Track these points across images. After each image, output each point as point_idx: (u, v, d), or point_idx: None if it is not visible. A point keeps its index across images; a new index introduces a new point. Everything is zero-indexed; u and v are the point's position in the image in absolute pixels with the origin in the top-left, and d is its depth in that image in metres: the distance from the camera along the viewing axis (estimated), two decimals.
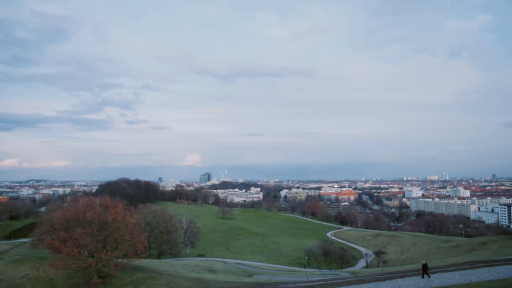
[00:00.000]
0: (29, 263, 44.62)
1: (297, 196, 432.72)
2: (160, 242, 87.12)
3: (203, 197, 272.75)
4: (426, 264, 33.66)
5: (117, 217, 44.15)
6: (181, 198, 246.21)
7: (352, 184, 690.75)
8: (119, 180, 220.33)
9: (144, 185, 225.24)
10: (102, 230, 43.22)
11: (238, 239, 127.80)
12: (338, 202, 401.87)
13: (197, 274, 48.20)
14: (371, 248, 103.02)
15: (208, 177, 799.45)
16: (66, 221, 46.31)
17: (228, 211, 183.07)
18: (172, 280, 42.60)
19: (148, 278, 42.76)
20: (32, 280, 40.70)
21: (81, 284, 39.79)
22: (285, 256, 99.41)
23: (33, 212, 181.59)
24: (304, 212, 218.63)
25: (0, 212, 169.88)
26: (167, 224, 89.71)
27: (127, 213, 48.20)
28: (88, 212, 44.36)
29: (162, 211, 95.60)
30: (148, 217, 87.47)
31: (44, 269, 42.50)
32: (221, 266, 63.53)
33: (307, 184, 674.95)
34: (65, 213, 51.53)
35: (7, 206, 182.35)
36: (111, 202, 48.65)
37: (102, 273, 41.25)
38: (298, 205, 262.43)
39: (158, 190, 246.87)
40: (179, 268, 52.10)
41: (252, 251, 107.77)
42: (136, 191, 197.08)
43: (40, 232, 67.96)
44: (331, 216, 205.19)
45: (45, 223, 72.47)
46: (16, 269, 43.22)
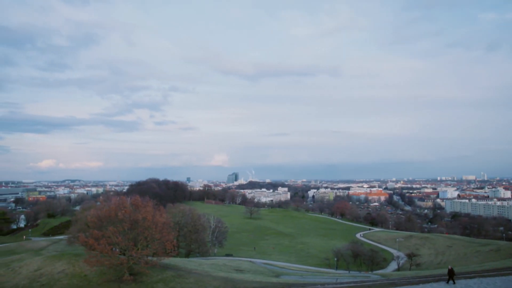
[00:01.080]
0: (65, 259, 46.52)
1: (325, 196, 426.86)
2: (189, 241, 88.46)
3: (230, 197, 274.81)
4: (452, 269, 31.71)
5: (147, 216, 45.11)
6: (209, 198, 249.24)
7: (382, 184, 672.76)
8: (149, 180, 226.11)
9: (173, 185, 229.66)
10: (133, 229, 44.25)
11: (266, 239, 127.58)
12: (368, 202, 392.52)
13: (225, 274, 48.42)
14: (403, 251, 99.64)
15: (236, 177, 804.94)
16: (99, 220, 47.85)
17: (256, 211, 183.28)
18: (200, 279, 43.00)
19: (177, 276, 43.39)
20: (68, 276, 42.39)
21: (114, 280, 40.94)
22: (313, 257, 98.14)
23: (69, 210, 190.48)
24: (333, 213, 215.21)
25: (40, 211, 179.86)
26: (195, 224, 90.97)
27: (156, 212, 49.13)
28: (120, 211, 45.54)
29: (191, 211, 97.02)
30: (177, 217, 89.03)
31: (79, 265, 44.14)
32: (248, 266, 63.56)
33: (336, 184, 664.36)
34: (98, 212, 53.39)
35: (45, 205, 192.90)
36: (141, 201, 49.77)
37: (133, 271, 42.29)
38: (327, 205, 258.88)
39: (186, 190, 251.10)
40: (207, 267, 52.57)
41: (279, 251, 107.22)
42: (165, 191, 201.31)
43: (75, 230, 70.82)
44: (361, 217, 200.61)
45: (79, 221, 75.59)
46: (54, 265, 45.20)
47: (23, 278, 42.51)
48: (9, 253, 68.73)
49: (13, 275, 43.82)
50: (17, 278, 42.81)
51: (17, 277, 43.23)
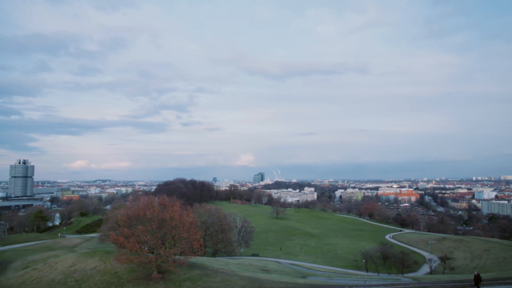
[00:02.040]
0: (97, 256, 48.17)
1: (353, 196, 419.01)
2: (215, 241, 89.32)
3: (256, 197, 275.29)
4: (479, 274, 29.98)
5: (175, 215, 45.85)
6: (235, 197, 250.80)
7: (413, 184, 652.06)
8: (176, 180, 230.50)
9: (199, 185, 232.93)
10: (161, 228, 45.08)
11: (292, 239, 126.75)
12: (398, 203, 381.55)
13: (251, 273, 48.43)
14: (435, 253, 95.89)
15: (262, 177, 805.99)
16: (128, 219, 49.16)
17: (282, 211, 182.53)
18: (227, 278, 43.22)
19: (204, 275, 43.83)
20: (100, 272, 43.86)
21: (143, 278, 41.90)
22: (340, 258, 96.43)
23: (100, 209, 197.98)
24: (361, 213, 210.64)
25: (73, 209, 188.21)
26: (221, 223, 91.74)
27: (183, 211, 49.83)
28: (148, 210, 46.58)
29: (217, 210, 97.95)
30: (204, 216, 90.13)
31: (110, 263, 45.54)
32: (275, 266, 63.30)
33: (364, 184, 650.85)
34: (127, 211, 54.91)
35: (78, 204, 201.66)
36: (168, 201, 50.63)
37: (161, 269, 43.12)
38: (354, 205, 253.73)
39: (212, 190, 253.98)
40: (233, 267, 52.80)
41: (306, 252, 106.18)
42: (192, 191, 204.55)
43: (106, 228, 73.28)
44: (390, 218, 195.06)
45: (110, 220, 78.16)
46: (86, 261, 46.93)
47: (59, 274, 44.41)
48: (46, 249, 72.18)
49: (49, 270, 45.89)
50: (53, 273, 44.78)
51: (54, 272, 45.23)
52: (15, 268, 52.67)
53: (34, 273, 45.73)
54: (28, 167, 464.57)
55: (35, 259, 55.79)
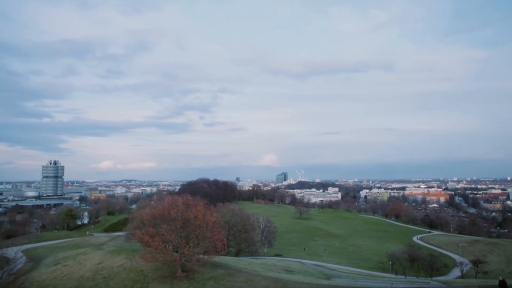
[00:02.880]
0: (124, 255, 49.39)
1: (379, 196, 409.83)
2: (238, 241, 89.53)
3: (279, 197, 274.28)
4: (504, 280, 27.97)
5: (198, 215, 46.28)
6: (258, 197, 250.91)
7: (441, 184, 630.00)
8: (199, 180, 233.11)
9: (223, 184, 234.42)
10: (185, 227, 45.62)
11: (316, 240, 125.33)
12: (426, 203, 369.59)
13: (275, 274, 48.14)
14: (466, 256, 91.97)
15: (285, 177, 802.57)
16: (153, 218, 50.13)
17: (305, 211, 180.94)
18: (250, 278, 43.17)
19: (228, 274, 43.96)
20: (126, 270, 44.91)
21: (167, 276, 42.54)
22: (366, 260, 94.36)
23: (126, 209, 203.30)
24: (387, 214, 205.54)
25: (100, 208, 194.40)
26: (244, 223, 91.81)
27: (207, 211, 50.25)
28: (172, 210, 47.27)
29: (240, 210, 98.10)
30: (227, 216, 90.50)
31: (136, 261, 46.56)
32: (298, 267, 62.70)
33: (390, 184, 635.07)
34: (152, 210, 56.07)
35: (105, 203, 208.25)
36: (192, 201, 51.21)
37: (185, 268, 43.61)
38: (380, 206, 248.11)
39: (235, 190, 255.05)
40: (256, 267, 52.69)
41: (330, 253, 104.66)
42: (215, 191, 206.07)
43: (132, 227, 75.03)
44: (418, 219, 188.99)
45: (136, 219, 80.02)
46: (113, 259, 48.22)
47: (88, 270, 45.85)
48: (75, 247, 74.78)
49: (79, 267, 47.48)
50: (82, 270, 46.30)
51: (83, 269, 46.76)
52: (47, 264, 54.91)
53: (65, 269, 47.46)
54: (58, 168, 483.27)
55: (66, 256, 57.92)
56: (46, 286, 42.50)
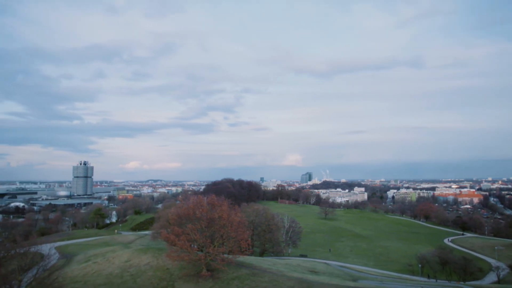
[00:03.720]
0: (150, 253, 50.41)
1: (407, 197, 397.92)
2: (263, 241, 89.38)
3: (304, 197, 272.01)
4: None
5: (223, 215, 46.51)
6: (283, 197, 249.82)
7: (475, 184, 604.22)
8: (224, 180, 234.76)
9: (247, 184, 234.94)
10: (210, 227, 45.97)
11: (341, 240, 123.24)
12: (457, 204, 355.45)
13: (299, 274, 47.63)
14: (503, 261, 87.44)
15: (309, 176, 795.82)
16: (179, 217, 50.84)
17: (331, 211, 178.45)
18: (274, 278, 42.92)
19: (252, 274, 43.89)
20: (153, 268, 45.80)
21: (193, 275, 42.98)
22: (394, 262, 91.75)
23: (152, 208, 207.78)
24: (416, 215, 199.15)
25: (128, 208, 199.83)
26: (269, 223, 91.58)
27: (231, 211, 50.44)
28: (197, 209, 47.77)
29: (264, 210, 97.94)
30: (251, 216, 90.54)
31: (162, 259, 47.39)
32: (323, 268, 61.78)
33: (419, 184, 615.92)
34: (178, 210, 56.88)
35: (132, 203, 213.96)
36: (217, 201, 51.56)
37: (210, 267, 43.91)
38: (408, 206, 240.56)
39: (260, 190, 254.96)
40: (281, 267, 52.34)
41: (356, 254, 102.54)
42: (240, 191, 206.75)
43: (158, 226, 76.33)
44: (449, 220, 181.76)
45: (161, 219, 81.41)
46: (140, 257, 49.31)
47: (116, 268, 47.13)
48: (104, 245, 77.09)
49: (108, 264, 48.90)
50: (111, 267, 47.63)
51: (111, 266, 48.11)
52: (78, 261, 56.89)
53: (95, 266, 49.02)
54: (88, 168, 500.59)
55: (95, 253, 59.83)
56: (78, 282, 44.04)
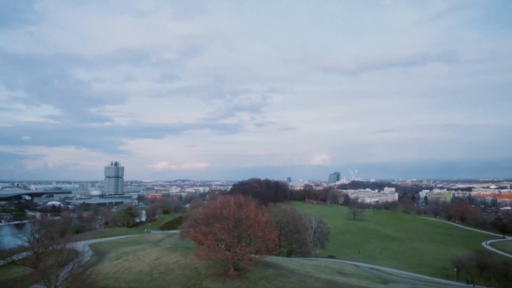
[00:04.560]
0: (179, 252, 51.24)
1: (441, 197, 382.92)
2: (290, 241, 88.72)
3: (332, 197, 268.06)
4: None
5: (250, 214, 46.48)
6: (310, 197, 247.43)
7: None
8: (251, 180, 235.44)
9: (274, 184, 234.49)
10: (237, 227, 46.04)
11: (371, 242, 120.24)
12: (497, 205, 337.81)
13: (328, 276, 46.81)
14: None
15: (337, 176, 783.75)
16: (206, 217, 51.34)
17: (359, 212, 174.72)
18: (302, 279, 42.39)
19: (279, 275, 43.58)
20: (181, 267, 46.51)
21: (220, 274, 43.23)
22: (426, 265, 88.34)
23: (180, 208, 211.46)
24: (450, 216, 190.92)
25: (157, 207, 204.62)
26: (296, 223, 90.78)
27: (258, 211, 50.30)
28: (225, 209, 47.99)
29: (292, 210, 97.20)
30: (278, 216, 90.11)
31: (190, 258, 48.00)
32: (352, 269, 60.42)
33: (453, 184, 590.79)
34: (205, 209, 57.44)
35: (161, 202, 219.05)
36: (244, 200, 51.60)
37: (237, 266, 44.01)
38: (442, 207, 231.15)
39: (287, 190, 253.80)
40: (309, 268, 51.67)
41: (386, 256, 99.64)
42: (266, 191, 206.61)
43: (186, 225, 77.57)
44: (487, 223, 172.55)
45: (189, 218, 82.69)
46: (169, 256, 50.24)
47: (146, 265, 48.27)
48: (134, 243, 79.34)
49: (138, 262, 50.17)
50: (141, 265, 48.84)
51: (141, 264, 49.32)
52: (110, 258, 58.81)
53: (126, 264, 50.45)
54: (118, 168, 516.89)
55: (126, 251, 61.59)
56: (110, 278, 45.47)
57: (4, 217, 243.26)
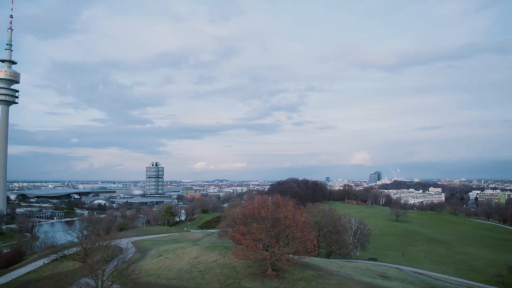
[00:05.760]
0: (217, 251, 51.83)
1: (494, 198, 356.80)
2: (329, 242, 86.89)
3: (373, 197, 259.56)
4: None
5: (288, 215, 45.99)
6: (349, 198, 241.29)
7: None
8: (288, 179, 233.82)
9: (312, 184, 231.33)
10: (275, 227, 45.74)
11: (415, 245, 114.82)
12: None
13: (369, 279, 45.14)
14: None
15: (378, 176, 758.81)
16: (244, 217, 51.46)
17: (402, 213, 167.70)
18: (342, 281, 41.24)
19: (318, 276, 42.70)
20: (220, 265, 46.98)
21: (258, 274, 43.11)
22: (478, 271, 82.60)
23: (218, 207, 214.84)
24: (505, 219, 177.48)
25: (195, 207, 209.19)
26: (335, 224, 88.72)
27: (297, 211, 49.65)
28: (262, 209, 47.86)
29: (331, 211, 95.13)
30: (317, 216, 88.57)
31: (229, 257, 48.37)
32: (395, 273, 57.81)
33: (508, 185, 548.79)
34: (243, 209, 57.63)
35: (200, 202, 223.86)
36: (282, 200, 51.17)
37: (275, 267, 43.65)
38: (496, 209, 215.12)
39: (325, 190, 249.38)
40: (349, 270, 50.15)
41: (433, 260, 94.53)
42: (304, 190, 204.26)
43: (224, 225, 78.18)
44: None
45: (227, 218, 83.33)
46: (208, 255, 50.96)
47: (185, 264, 49.29)
48: (174, 241, 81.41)
49: (178, 260, 51.38)
50: (181, 263, 49.96)
51: (181, 262, 50.45)
52: (151, 256, 60.77)
53: (166, 261, 51.86)
54: (159, 169, 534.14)
55: (167, 249, 63.31)
56: (152, 275, 46.95)
57: (56, 214, 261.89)
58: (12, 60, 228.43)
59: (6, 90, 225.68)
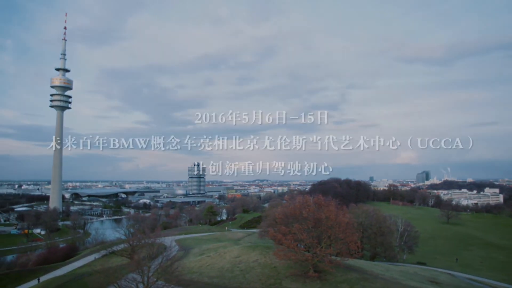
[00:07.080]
0: (258, 250, 51.75)
1: None
2: (374, 244, 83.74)
3: (420, 198, 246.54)
4: None
5: (330, 215, 44.87)
6: (395, 198, 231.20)
7: None
8: (330, 179, 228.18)
9: (355, 184, 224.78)
10: (317, 227, 44.81)
11: (469, 249, 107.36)
12: None
13: (417, 284, 42.75)
14: None
15: (426, 176, 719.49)
16: (285, 217, 50.88)
17: (454, 215, 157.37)
18: (388, 285, 39.49)
19: (362, 279, 41.25)
20: (261, 265, 46.86)
21: (299, 275, 42.45)
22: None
23: (259, 207, 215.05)
24: None
25: (236, 206, 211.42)
26: (380, 226, 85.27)
27: (339, 212, 48.32)
28: (304, 209, 47.12)
29: (375, 212, 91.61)
30: (360, 217, 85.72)
31: (270, 257, 48.11)
32: (447, 279, 54.24)
33: None
34: (284, 209, 57.00)
35: (241, 202, 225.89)
36: (323, 200, 50.01)
37: (317, 268, 42.72)
38: None
39: (369, 190, 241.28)
40: (395, 274, 47.83)
41: (490, 267, 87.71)
42: (347, 191, 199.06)
43: (265, 224, 77.95)
44: None
45: (268, 217, 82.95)
46: (249, 254, 51.04)
47: (227, 262, 49.75)
48: (215, 240, 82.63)
49: (219, 259, 52.00)
50: (222, 262, 50.51)
51: (223, 261, 51.00)
52: (194, 254, 62.11)
53: (208, 260, 52.69)
54: (200, 169, 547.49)
55: (209, 248, 64.36)
56: (194, 272, 47.93)
57: (105, 212, 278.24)
58: (66, 68, 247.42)
59: (60, 96, 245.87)
